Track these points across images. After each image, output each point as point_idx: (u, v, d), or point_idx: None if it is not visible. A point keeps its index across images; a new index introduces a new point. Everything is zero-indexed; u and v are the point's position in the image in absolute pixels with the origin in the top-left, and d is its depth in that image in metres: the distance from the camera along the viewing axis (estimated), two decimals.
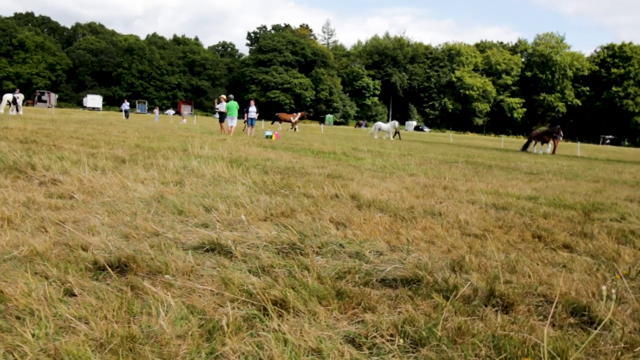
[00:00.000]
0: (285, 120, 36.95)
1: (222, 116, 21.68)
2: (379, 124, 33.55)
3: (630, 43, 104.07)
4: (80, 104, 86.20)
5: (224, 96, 22.71)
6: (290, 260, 3.06)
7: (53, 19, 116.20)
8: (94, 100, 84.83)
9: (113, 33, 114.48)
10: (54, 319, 2.05)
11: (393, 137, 31.86)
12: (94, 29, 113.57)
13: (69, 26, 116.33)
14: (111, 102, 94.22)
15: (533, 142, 25.42)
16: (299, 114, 37.51)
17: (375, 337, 2.08)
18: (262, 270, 2.84)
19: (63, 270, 2.56)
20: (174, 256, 2.90)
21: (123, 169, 6.46)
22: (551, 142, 24.20)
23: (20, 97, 28.79)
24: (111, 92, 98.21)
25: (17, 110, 27.97)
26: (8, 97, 28.45)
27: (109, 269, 2.61)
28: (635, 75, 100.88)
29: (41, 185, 5.12)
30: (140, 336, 1.95)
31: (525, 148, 25.77)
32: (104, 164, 6.73)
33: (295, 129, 34.46)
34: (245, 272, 2.78)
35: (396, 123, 32.59)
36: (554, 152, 24.10)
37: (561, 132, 24.12)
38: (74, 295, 2.30)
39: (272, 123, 38.64)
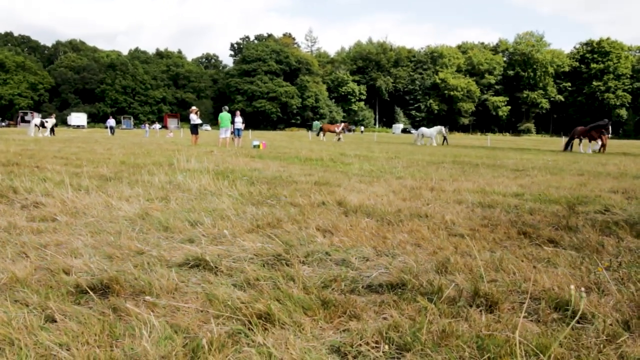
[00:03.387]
0: (330, 131, 37.40)
1: (194, 128, 22.26)
2: (423, 129, 31.49)
3: (608, 38, 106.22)
4: (64, 123, 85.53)
5: (194, 108, 23.28)
6: (275, 271, 3.05)
7: (33, 38, 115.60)
8: (78, 118, 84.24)
9: (95, 50, 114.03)
10: (34, 347, 2.02)
11: (441, 143, 30.06)
12: (75, 47, 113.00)
13: (49, 44, 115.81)
14: (96, 119, 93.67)
15: (577, 140, 23.00)
16: (342, 124, 38.06)
17: (360, 345, 2.07)
18: (247, 283, 2.83)
19: (44, 296, 2.52)
20: (158, 274, 2.88)
21: (107, 188, 6.40)
22: (599, 138, 21.42)
23: (51, 121, 31.37)
24: (95, 109, 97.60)
25: (52, 133, 30.60)
26: (36, 121, 31.66)
27: (91, 292, 2.58)
28: (615, 69, 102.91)
29: (23, 209, 5.05)
30: (123, 359, 1.92)
31: (567, 147, 23.25)
32: (87, 183, 6.66)
33: (339, 139, 34.32)
34: (230, 287, 2.76)
35: (442, 128, 30.64)
36: (604, 149, 21.10)
37: (609, 126, 21.25)
38: (55, 321, 2.27)
39: (317, 135, 39.36)
